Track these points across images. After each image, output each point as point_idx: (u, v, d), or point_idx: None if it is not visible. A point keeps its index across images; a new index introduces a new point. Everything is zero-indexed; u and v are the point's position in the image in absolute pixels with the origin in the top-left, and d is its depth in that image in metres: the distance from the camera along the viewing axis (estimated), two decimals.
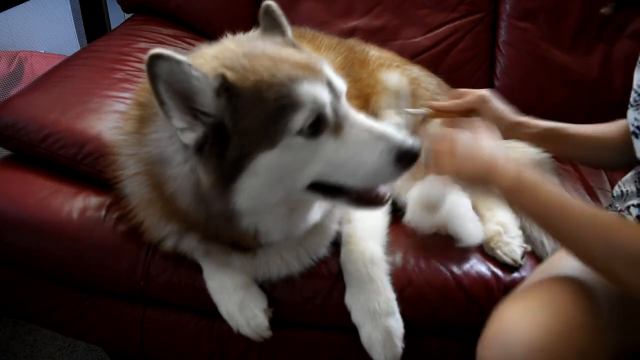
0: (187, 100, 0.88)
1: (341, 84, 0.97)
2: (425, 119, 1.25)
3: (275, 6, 1.05)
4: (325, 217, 1.13)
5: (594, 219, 0.93)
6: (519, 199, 1.00)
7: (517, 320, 0.93)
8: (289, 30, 1.06)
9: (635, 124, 1.00)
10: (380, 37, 1.81)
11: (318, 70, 0.94)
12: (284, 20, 1.06)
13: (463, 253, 1.23)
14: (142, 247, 1.23)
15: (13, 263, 1.33)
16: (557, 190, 0.97)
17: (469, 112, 1.24)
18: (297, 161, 0.92)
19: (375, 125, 0.95)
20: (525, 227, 1.31)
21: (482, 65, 1.84)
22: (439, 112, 1.28)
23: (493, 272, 1.20)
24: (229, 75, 0.88)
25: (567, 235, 0.96)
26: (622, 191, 1.18)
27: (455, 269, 1.21)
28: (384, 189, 1.00)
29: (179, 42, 1.81)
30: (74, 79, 1.51)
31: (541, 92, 1.79)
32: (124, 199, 1.14)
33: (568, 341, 0.90)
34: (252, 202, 0.95)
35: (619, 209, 1.16)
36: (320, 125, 0.91)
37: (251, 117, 0.88)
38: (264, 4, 1.06)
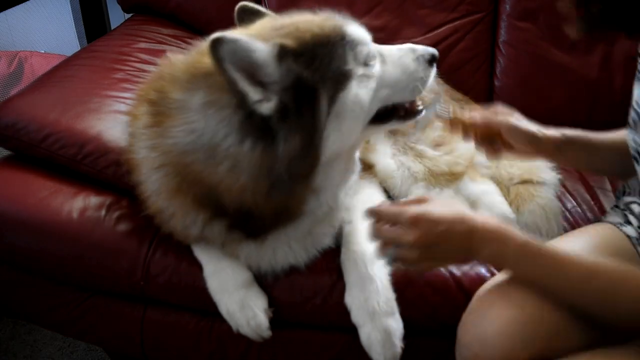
0: (253, 75, 0.91)
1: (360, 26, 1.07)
2: (450, 122, 1.23)
3: (249, 3, 1.11)
4: (334, 205, 1.14)
5: (594, 275, 0.91)
6: (504, 267, 0.99)
7: (491, 301, 0.97)
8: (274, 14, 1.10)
9: (634, 146, 0.97)
10: (380, 37, 1.77)
11: (342, 17, 1.04)
12: (265, 10, 1.12)
13: None
14: (142, 246, 1.23)
15: (13, 263, 1.33)
16: (545, 249, 0.93)
17: (491, 135, 1.19)
18: (369, 90, 1.01)
19: (399, 46, 1.09)
20: (521, 228, 1.32)
21: (482, 65, 1.84)
22: (458, 121, 1.21)
23: (492, 273, 1.20)
24: (283, 41, 0.94)
25: (569, 297, 0.93)
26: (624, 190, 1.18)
27: (454, 270, 1.21)
28: (417, 101, 1.12)
29: (179, 42, 1.81)
30: (74, 79, 1.51)
31: (541, 92, 1.79)
32: (139, 188, 1.13)
33: (539, 323, 0.93)
34: (338, 146, 1.00)
35: (621, 208, 1.16)
36: (373, 56, 1.03)
37: (325, 65, 0.96)
38: (238, 5, 1.10)
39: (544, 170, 1.48)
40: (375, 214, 0.98)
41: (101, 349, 1.75)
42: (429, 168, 1.41)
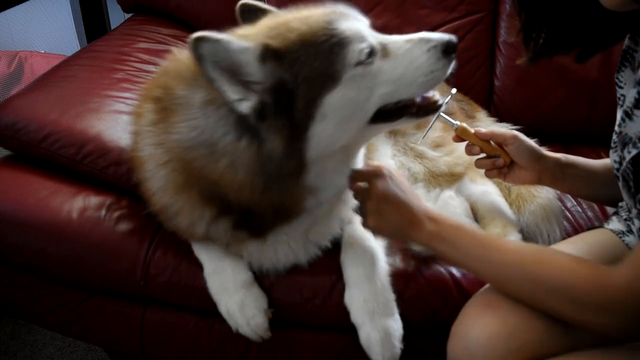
0: (235, 74, 0.92)
1: (363, 18, 1.03)
2: (455, 132, 1.20)
3: (250, 1, 1.10)
4: (335, 204, 1.15)
5: (519, 258, 0.94)
6: (438, 250, 1.02)
7: (480, 311, 0.98)
8: (276, 11, 1.09)
9: (616, 166, 0.98)
10: None
11: (341, 11, 1.00)
12: (267, 6, 1.10)
13: None
14: (142, 246, 1.23)
15: (13, 263, 1.33)
16: (477, 234, 0.98)
17: (494, 149, 1.18)
18: (362, 91, 0.97)
19: (410, 35, 1.01)
20: (522, 228, 1.32)
21: (482, 65, 1.84)
22: (465, 133, 1.18)
23: None
24: (268, 41, 0.93)
25: (497, 279, 0.97)
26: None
27: (454, 271, 1.21)
28: (436, 95, 1.06)
29: (179, 42, 1.81)
30: (74, 79, 1.52)
31: (541, 92, 1.78)
32: (143, 185, 1.13)
33: (527, 332, 0.94)
34: (325, 146, 0.98)
35: (624, 217, 1.16)
36: (371, 52, 0.97)
37: (307, 66, 0.93)
38: (239, 4, 1.10)
39: None
40: (355, 173, 1.09)
41: (101, 349, 1.75)
42: (428, 169, 1.41)
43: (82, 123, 1.34)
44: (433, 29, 1.85)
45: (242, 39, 0.94)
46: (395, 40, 1.01)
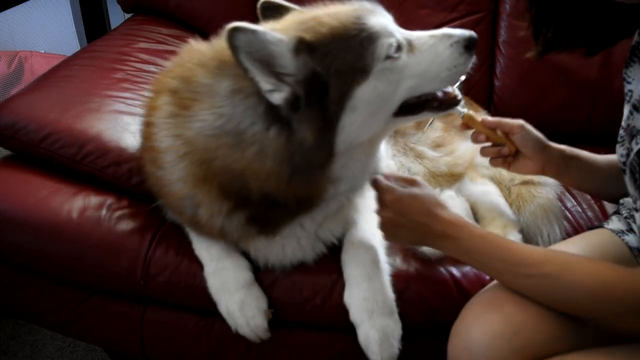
0: (268, 65, 0.93)
1: (388, 14, 1.06)
2: (462, 119, 1.19)
3: None
4: (346, 204, 1.17)
5: (547, 271, 0.93)
6: (460, 260, 1.04)
7: (482, 311, 0.98)
8: (299, 8, 1.09)
9: (622, 159, 0.99)
10: None
11: (368, 7, 1.02)
12: (289, 4, 1.11)
13: None
14: (142, 246, 1.23)
15: (13, 263, 1.33)
16: (499, 245, 0.98)
17: (499, 139, 1.19)
18: (390, 84, 0.99)
19: (434, 31, 1.05)
20: (522, 228, 1.32)
21: (482, 65, 1.84)
22: (472, 121, 1.19)
23: None
24: (302, 34, 0.94)
25: (523, 290, 0.97)
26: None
27: (454, 271, 1.21)
28: (455, 91, 1.10)
29: (179, 42, 1.81)
30: (74, 79, 1.52)
31: (541, 92, 1.78)
32: (155, 177, 1.13)
33: (530, 332, 0.94)
34: (354, 138, 1.00)
35: (624, 216, 1.16)
36: (398, 47, 1.00)
37: (340, 59, 0.95)
38: (260, 2, 1.10)
39: None
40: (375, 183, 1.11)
41: (101, 349, 1.75)
42: (428, 169, 1.41)
43: (82, 123, 1.34)
44: (433, 29, 1.84)
45: (273, 31, 0.94)
46: (420, 35, 1.04)
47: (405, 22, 1.96)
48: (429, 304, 1.18)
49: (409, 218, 1.05)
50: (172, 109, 1.07)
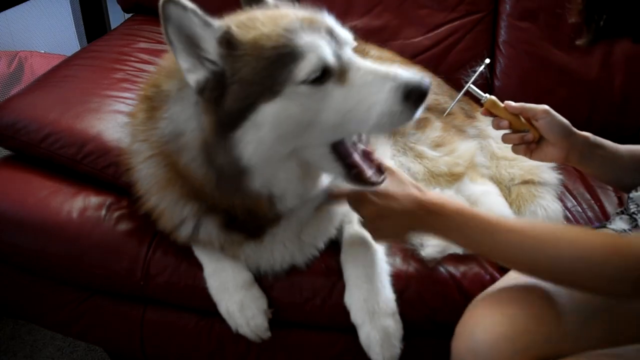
0: (193, 45, 0.92)
1: (345, 33, 0.98)
2: (485, 105, 1.14)
3: None
4: (331, 205, 1.15)
5: (533, 236, 0.93)
6: (448, 240, 1.04)
7: (486, 311, 0.98)
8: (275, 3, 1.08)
9: None
10: (380, 37, 1.81)
11: (318, 21, 0.96)
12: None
13: (462, 255, 1.23)
14: (142, 246, 1.23)
15: (13, 263, 1.33)
16: (481, 218, 0.97)
17: (523, 125, 1.15)
18: (304, 111, 0.92)
19: (381, 67, 0.93)
20: None
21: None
22: (495, 106, 1.14)
23: (491, 275, 1.20)
24: (232, 28, 0.93)
25: (510, 259, 0.97)
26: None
27: (454, 271, 1.21)
28: (369, 173, 1.00)
29: None
30: (74, 79, 1.52)
31: (541, 92, 1.78)
32: (134, 186, 1.14)
33: (534, 333, 0.94)
34: (262, 156, 0.95)
35: (631, 210, 1.15)
36: (325, 73, 0.91)
37: (249, 68, 0.91)
38: None
39: (544, 170, 1.48)
40: (333, 194, 1.09)
41: (101, 349, 1.75)
42: (428, 169, 1.41)
43: (82, 123, 1.34)
44: (433, 29, 1.86)
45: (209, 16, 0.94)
46: (362, 67, 0.93)
47: (405, 22, 1.97)
48: (429, 304, 1.18)
49: (391, 208, 1.01)
50: (144, 116, 1.09)
